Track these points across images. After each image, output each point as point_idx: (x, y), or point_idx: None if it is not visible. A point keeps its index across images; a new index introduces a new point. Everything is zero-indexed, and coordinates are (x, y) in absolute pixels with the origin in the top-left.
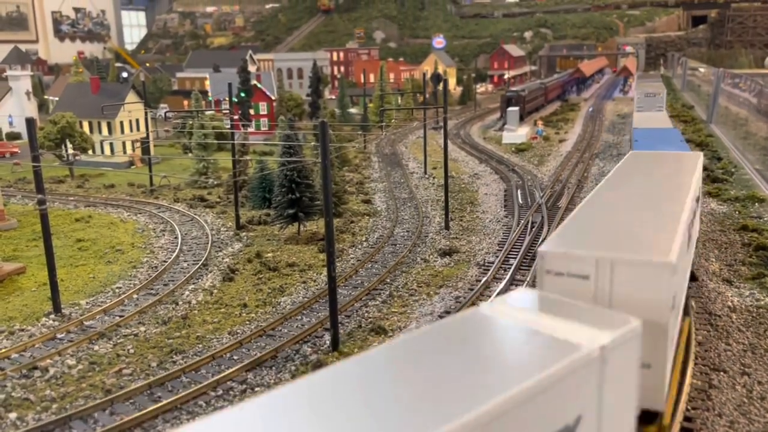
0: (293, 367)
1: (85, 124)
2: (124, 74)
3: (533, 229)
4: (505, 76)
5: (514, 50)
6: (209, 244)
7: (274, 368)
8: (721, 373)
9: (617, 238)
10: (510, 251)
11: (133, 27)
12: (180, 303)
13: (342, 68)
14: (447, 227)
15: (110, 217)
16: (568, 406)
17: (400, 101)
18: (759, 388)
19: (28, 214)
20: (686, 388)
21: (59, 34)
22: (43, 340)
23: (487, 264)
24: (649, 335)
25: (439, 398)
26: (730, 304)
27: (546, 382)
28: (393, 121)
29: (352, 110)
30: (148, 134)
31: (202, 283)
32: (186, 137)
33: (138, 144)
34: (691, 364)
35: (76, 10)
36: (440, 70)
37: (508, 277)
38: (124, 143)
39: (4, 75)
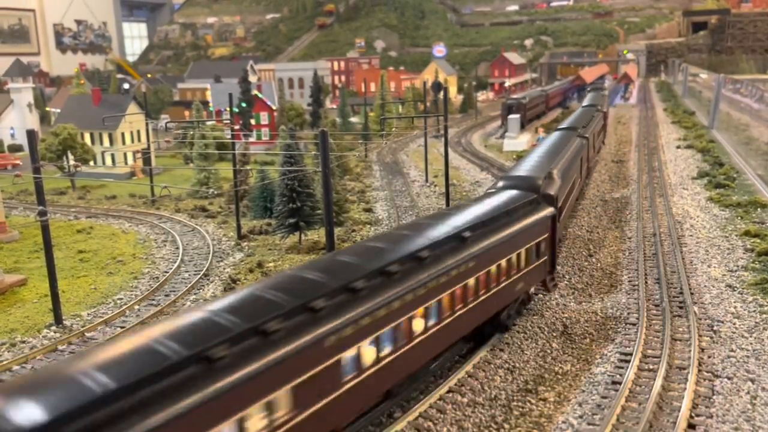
0: None
1: (87, 136)
2: (126, 85)
3: None
4: (506, 84)
5: (515, 58)
6: (210, 255)
7: None
8: (725, 379)
9: None
10: None
11: (135, 38)
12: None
13: (343, 77)
14: None
15: (111, 228)
16: None
17: (400, 110)
18: (763, 394)
19: (29, 225)
20: (690, 395)
21: (61, 47)
22: (44, 351)
23: None
24: None
25: None
26: (733, 310)
27: None
28: (394, 129)
29: (353, 119)
30: (149, 145)
31: (204, 293)
32: (187, 148)
33: (139, 155)
34: (694, 371)
35: (78, 22)
36: (441, 79)
37: None
38: (125, 154)
39: (6, 87)
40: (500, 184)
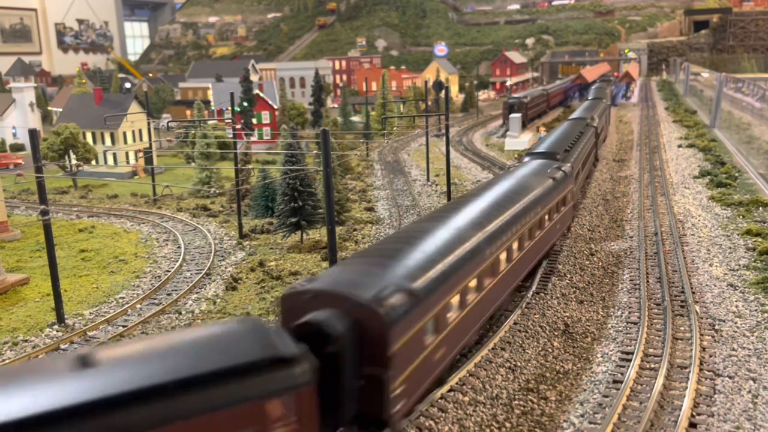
0: None
1: (89, 135)
2: (127, 85)
3: None
4: (507, 83)
5: (516, 57)
6: (212, 254)
7: None
8: (726, 378)
9: None
10: None
11: (136, 38)
12: (183, 312)
13: (344, 77)
14: None
15: (113, 227)
16: None
17: (402, 109)
18: (765, 393)
19: (31, 225)
20: (691, 394)
21: (62, 46)
22: (46, 350)
23: None
24: None
25: None
26: (734, 309)
27: None
28: (395, 129)
29: (355, 118)
30: (150, 144)
31: (205, 292)
32: (189, 147)
33: (141, 154)
34: (695, 370)
35: (80, 21)
36: (442, 78)
37: None
38: (127, 153)
39: (8, 87)
40: (563, 125)
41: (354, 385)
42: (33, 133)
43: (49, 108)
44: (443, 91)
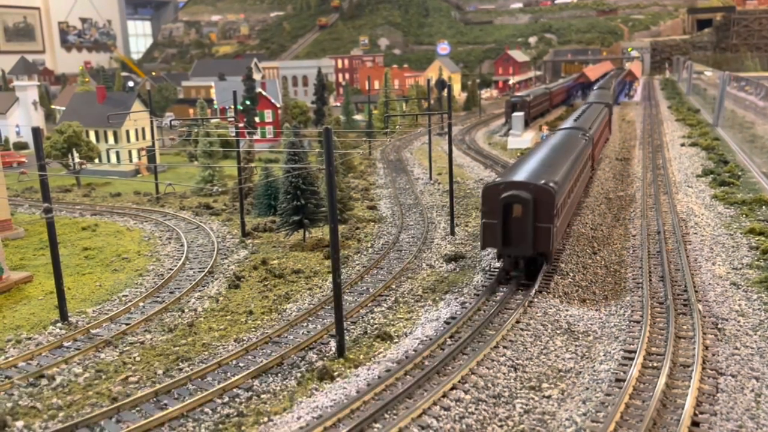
0: (299, 374)
1: (92, 133)
2: (130, 83)
3: None
4: (510, 82)
5: (519, 56)
6: (215, 252)
7: (279, 375)
8: (729, 377)
9: None
10: None
11: (139, 36)
12: (186, 310)
13: (347, 75)
14: (452, 233)
15: (116, 225)
16: None
17: (404, 108)
18: None
19: (35, 223)
20: (694, 392)
21: (66, 44)
22: (49, 348)
23: (492, 270)
24: None
25: None
26: (737, 307)
27: None
28: (398, 127)
29: (357, 117)
30: (153, 143)
31: (208, 290)
32: (191, 145)
33: (144, 152)
34: (698, 368)
35: (83, 20)
36: (445, 76)
37: (513, 281)
38: (130, 152)
39: (11, 85)
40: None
41: None
42: (36, 132)
43: (53, 106)
44: (446, 90)
